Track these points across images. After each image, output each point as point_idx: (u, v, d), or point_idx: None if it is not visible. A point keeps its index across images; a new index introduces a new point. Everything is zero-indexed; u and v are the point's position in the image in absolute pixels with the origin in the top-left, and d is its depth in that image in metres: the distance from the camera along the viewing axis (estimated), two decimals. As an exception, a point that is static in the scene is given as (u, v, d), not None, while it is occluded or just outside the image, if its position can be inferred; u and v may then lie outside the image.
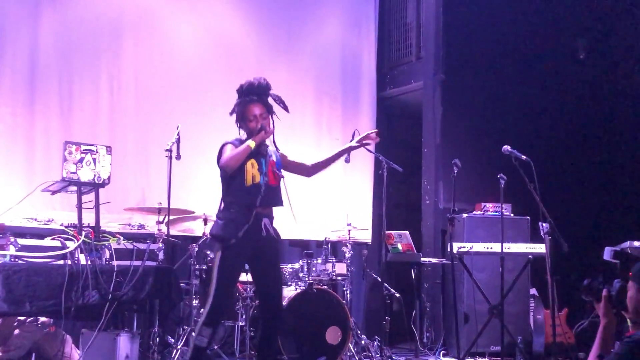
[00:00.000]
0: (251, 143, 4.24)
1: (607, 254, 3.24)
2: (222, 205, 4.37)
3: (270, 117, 4.40)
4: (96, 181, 4.84)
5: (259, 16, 7.71)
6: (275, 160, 4.44)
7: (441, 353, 6.86)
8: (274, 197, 4.40)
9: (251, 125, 4.33)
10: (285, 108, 4.42)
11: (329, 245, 6.50)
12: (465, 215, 6.80)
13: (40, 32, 6.62)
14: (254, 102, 4.37)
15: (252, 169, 4.28)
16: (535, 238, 6.10)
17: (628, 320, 2.92)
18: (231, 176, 4.26)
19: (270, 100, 4.44)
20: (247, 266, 4.66)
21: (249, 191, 4.26)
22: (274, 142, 4.48)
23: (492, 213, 6.84)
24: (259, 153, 4.32)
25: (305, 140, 7.73)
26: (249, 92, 4.39)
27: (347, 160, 6.11)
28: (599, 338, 2.96)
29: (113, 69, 6.91)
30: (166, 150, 5.29)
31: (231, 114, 4.46)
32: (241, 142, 4.31)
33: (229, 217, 4.27)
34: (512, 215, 6.84)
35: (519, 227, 6.77)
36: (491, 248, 5.99)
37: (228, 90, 7.30)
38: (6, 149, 6.33)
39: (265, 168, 4.32)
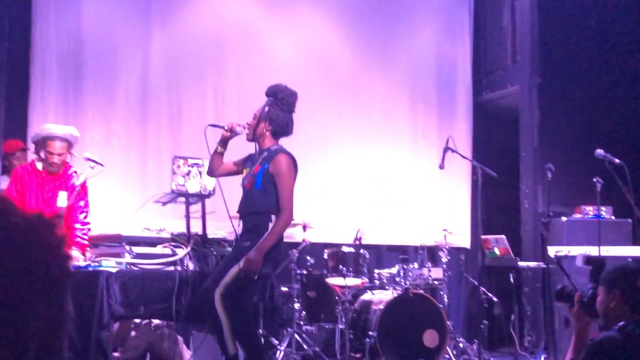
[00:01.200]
0: (217, 147, 4.74)
1: (579, 260, 3.23)
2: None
3: (257, 121, 4.69)
4: (202, 192, 5.18)
5: (354, 27, 7.90)
6: (260, 167, 4.61)
7: (542, 357, 6.83)
8: (246, 202, 4.70)
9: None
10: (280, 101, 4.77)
11: (425, 250, 6.63)
12: (564, 218, 6.76)
13: (151, 52, 7.09)
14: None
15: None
16: (637, 240, 6.02)
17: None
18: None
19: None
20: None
21: None
22: (273, 152, 4.68)
23: (592, 216, 6.76)
24: (251, 161, 4.69)
25: (401, 147, 7.87)
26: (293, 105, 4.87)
27: (441, 166, 6.26)
28: (572, 343, 3.00)
29: (217, 85, 7.30)
30: (267, 161, 5.58)
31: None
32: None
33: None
34: (613, 218, 6.74)
35: (620, 230, 6.66)
36: (589, 252, 5.96)
37: (325, 102, 7.67)
38: (121, 164, 6.81)
39: (247, 175, 4.64)
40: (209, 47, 7.30)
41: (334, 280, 6.09)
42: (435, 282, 6.47)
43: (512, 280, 6.88)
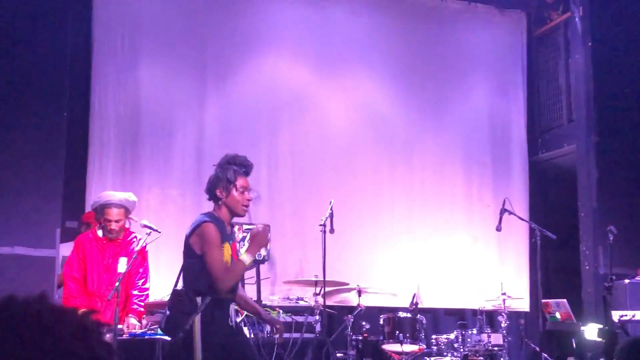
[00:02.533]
0: (246, 259, 3.94)
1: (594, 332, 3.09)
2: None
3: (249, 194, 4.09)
4: (257, 258, 5.17)
5: (407, 88, 7.91)
6: (237, 245, 4.28)
7: None
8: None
9: (242, 197, 4.04)
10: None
11: (484, 315, 6.47)
12: (627, 281, 6.54)
13: (205, 117, 7.21)
14: (243, 175, 4.08)
15: (226, 254, 3.96)
16: None
17: None
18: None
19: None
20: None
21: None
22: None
23: (657, 279, 6.53)
24: (226, 236, 4.01)
25: (455, 208, 7.78)
26: (242, 164, 4.10)
27: (498, 229, 6.15)
28: None
29: (270, 149, 7.36)
30: (320, 225, 5.58)
31: (213, 181, 4.11)
32: (216, 220, 4.00)
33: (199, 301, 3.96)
34: (679, 280, 6.50)
35: (687, 293, 6.42)
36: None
37: (378, 163, 7.67)
38: (177, 230, 6.85)
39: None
40: (263, 110, 7.39)
41: (390, 347, 5.98)
42: (495, 348, 6.30)
43: (574, 345, 6.65)
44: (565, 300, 6.41)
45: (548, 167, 8.41)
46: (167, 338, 4.49)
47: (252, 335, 4.91)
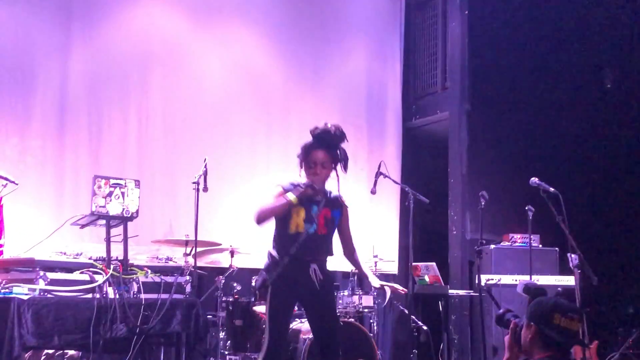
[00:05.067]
0: (292, 198, 4.05)
1: (520, 287, 3.25)
2: (272, 243, 4.29)
3: (334, 168, 4.23)
4: (124, 215, 4.87)
5: (285, 48, 7.77)
6: (331, 211, 4.27)
7: (470, 386, 6.78)
8: (320, 245, 4.24)
9: (309, 172, 4.16)
10: (345, 167, 4.27)
11: (356, 277, 6.48)
12: (493, 246, 6.75)
13: (70, 66, 6.74)
14: (321, 148, 4.18)
15: (297, 218, 4.13)
16: (564, 270, 6.04)
17: None
18: (277, 219, 4.17)
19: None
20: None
21: (290, 239, 4.14)
22: (340, 197, 4.33)
23: (520, 244, 6.78)
24: (312, 201, 4.15)
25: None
26: (319, 138, 4.19)
27: (373, 192, 6.13)
28: None
29: (141, 102, 7.01)
30: (193, 182, 5.34)
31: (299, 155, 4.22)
32: (295, 186, 4.12)
33: (272, 259, 4.22)
34: (540, 246, 6.78)
35: (547, 259, 6.71)
36: (519, 280, 5.94)
37: (254, 121, 7.48)
38: (36, 182, 6.42)
39: (315, 217, 4.15)
40: (133, 61, 7.00)
41: (261, 308, 5.86)
42: (365, 310, 6.33)
43: (440, 308, 6.81)
44: (434, 263, 6.52)
45: (421, 133, 8.53)
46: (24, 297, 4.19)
47: (117, 296, 4.63)
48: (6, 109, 6.42)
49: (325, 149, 4.17)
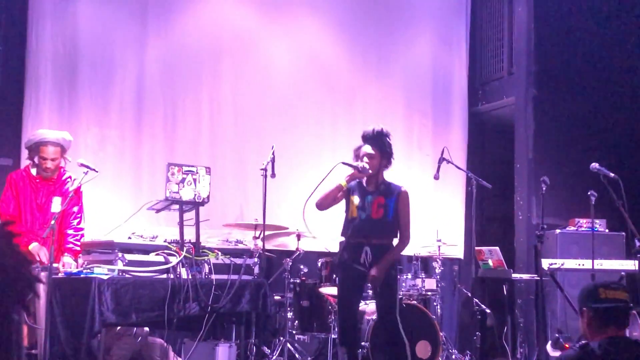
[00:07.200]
0: (342, 182, 4.86)
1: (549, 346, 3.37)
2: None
3: (380, 158, 4.96)
4: (196, 200, 5.14)
5: (350, 36, 7.90)
6: (385, 199, 4.90)
7: (534, 369, 6.82)
8: (374, 229, 4.89)
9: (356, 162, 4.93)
10: (389, 158, 5.04)
11: (419, 261, 6.61)
12: (558, 231, 6.76)
13: (147, 58, 7.06)
14: (367, 143, 4.99)
15: (352, 206, 4.91)
16: (631, 254, 6.01)
17: None
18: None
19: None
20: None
21: (348, 223, 4.93)
22: (394, 187, 5.00)
23: (586, 229, 6.77)
24: (366, 191, 4.92)
25: (395, 156, 7.82)
26: (364, 137, 5.04)
27: (436, 177, 6.25)
28: None
29: (212, 92, 7.29)
30: (261, 169, 5.58)
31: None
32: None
33: (340, 243, 5.01)
34: (606, 231, 6.75)
35: (614, 243, 6.68)
36: (583, 264, 5.96)
37: (321, 110, 7.68)
38: (115, 170, 6.78)
39: (367, 205, 4.88)
40: (205, 53, 7.29)
41: (327, 290, 6.07)
42: (429, 293, 6.47)
43: (505, 292, 6.88)
44: (497, 248, 6.58)
45: (487, 119, 8.54)
46: (104, 277, 4.53)
47: (189, 276, 4.91)
48: (87, 101, 6.80)
49: (371, 143, 4.99)
